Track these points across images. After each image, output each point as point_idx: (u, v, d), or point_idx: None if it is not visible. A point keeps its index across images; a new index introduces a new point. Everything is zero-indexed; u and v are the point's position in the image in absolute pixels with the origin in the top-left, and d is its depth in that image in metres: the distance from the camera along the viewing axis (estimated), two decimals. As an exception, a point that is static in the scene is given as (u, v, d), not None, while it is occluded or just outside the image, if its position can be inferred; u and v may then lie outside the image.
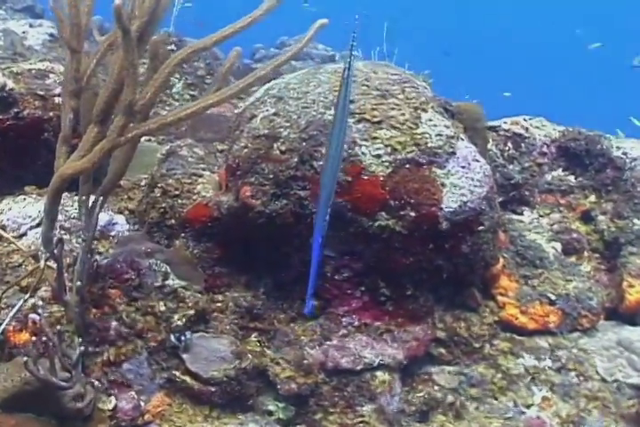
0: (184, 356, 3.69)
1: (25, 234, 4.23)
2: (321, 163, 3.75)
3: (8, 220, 4.25)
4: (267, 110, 4.01)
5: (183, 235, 4.19)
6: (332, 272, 3.90)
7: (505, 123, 4.78)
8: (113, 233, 4.38)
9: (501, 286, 4.17)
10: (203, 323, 3.85)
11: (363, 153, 3.75)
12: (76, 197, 4.45)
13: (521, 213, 4.66)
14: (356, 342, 3.86)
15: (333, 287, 3.92)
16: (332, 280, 3.91)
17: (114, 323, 3.65)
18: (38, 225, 4.25)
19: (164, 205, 4.23)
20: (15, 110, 4.42)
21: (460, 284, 4.05)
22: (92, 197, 3.63)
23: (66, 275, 3.61)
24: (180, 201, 4.23)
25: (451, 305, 4.09)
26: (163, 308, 3.74)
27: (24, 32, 7.28)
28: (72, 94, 3.52)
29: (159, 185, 4.30)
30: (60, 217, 4.29)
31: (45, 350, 3.39)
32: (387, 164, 3.74)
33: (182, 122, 3.46)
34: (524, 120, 4.88)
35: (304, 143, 3.80)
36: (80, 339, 3.50)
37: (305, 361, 3.83)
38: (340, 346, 3.85)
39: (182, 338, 3.70)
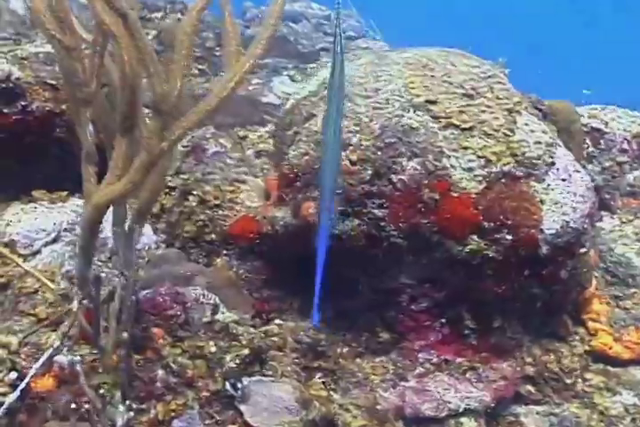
0: (242, 407, 3.11)
1: (39, 251, 3.60)
2: (401, 177, 3.16)
3: (18, 234, 3.60)
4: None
5: (225, 252, 3.59)
6: (407, 302, 3.35)
7: (582, 116, 4.19)
8: (139, 246, 3.75)
9: (593, 311, 3.64)
10: (258, 363, 3.26)
11: (452, 166, 3.16)
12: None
13: (600, 219, 4.10)
14: (437, 384, 3.31)
15: (409, 318, 3.38)
16: (407, 310, 3.37)
17: (160, 372, 3.05)
18: (54, 241, 3.63)
19: (202, 217, 3.63)
20: (22, 103, 3.75)
21: (551, 311, 3.50)
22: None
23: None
24: (221, 212, 3.63)
25: (538, 334, 3.55)
26: (213, 348, 3.15)
27: (5, -6, 6.51)
28: (84, 103, 2.80)
29: (195, 193, 3.68)
30: (77, 229, 3.69)
31: (79, 408, 2.82)
32: (479, 178, 3.17)
33: (228, 101, 2.75)
34: (598, 110, 4.29)
35: (379, 153, 3.20)
36: (123, 398, 2.89)
37: (378, 406, 3.27)
38: (418, 388, 3.30)
39: (239, 385, 3.11)
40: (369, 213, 3.19)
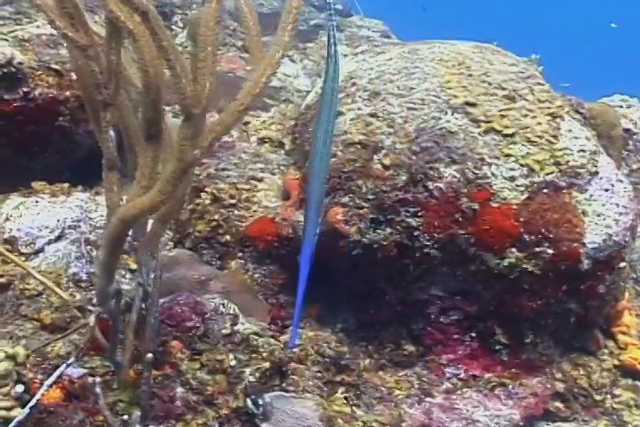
0: (264, 426, 2.92)
1: (42, 250, 3.36)
2: (438, 184, 2.97)
3: (19, 230, 3.36)
4: (358, 108, 3.19)
5: (241, 255, 3.38)
6: (436, 314, 3.17)
7: (610, 116, 3.99)
8: (145, 244, 3.53)
9: (623, 324, 3.48)
10: (279, 377, 3.07)
11: (493, 174, 2.98)
12: (102, 196, 3.61)
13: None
14: (465, 401, 3.14)
15: (437, 331, 3.20)
16: (435, 323, 3.19)
17: (179, 389, 2.86)
18: (58, 238, 3.39)
19: (216, 216, 3.41)
20: (24, 90, 3.49)
21: (583, 325, 3.34)
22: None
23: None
24: (236, 212, 3.41)
25: (568, 348, 3.39)
26: (233, 362, 2.96)
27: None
28: (104, 105, 2.51)
29: (208, 190, 3.46)
30: (82, 227, 3.46)
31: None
32: (522, 188, 2.98)
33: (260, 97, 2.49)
34: (622, 107, 4.11)
35: (415, 157, 3.01)
36: (143, 418, 2.69)
37: (404, 424, 3.10)
38: (446, 406, 3.13)
39: (260, 402, 2.93)
40: (402, 221, 3.01)
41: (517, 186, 2.97)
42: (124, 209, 2.41)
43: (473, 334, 3.18)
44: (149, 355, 2.59)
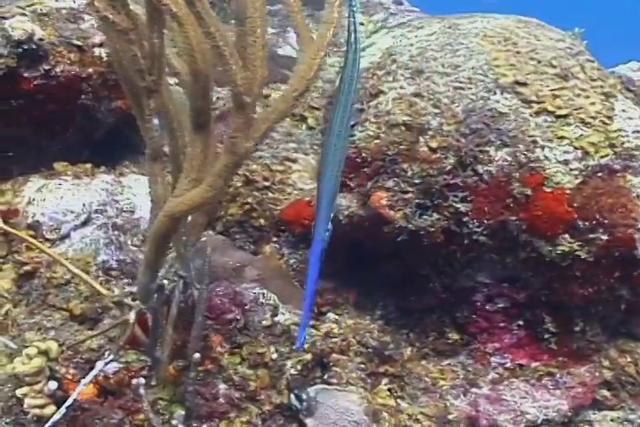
0: (308, 422, 2.81)
1: (68, 236, 3.22)
2: (488, 168, 2.83)
3: (43, 215, 3.22)
4: (400, 87, 3.03)
5: (275, 239, 3.24)
6: (482, 301, 3.05)
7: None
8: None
9: (670, 308, 3.36)
10: (320, 369, 2.95)
11: (546, 157, 2.84)
12: (126, 178, 3.48)
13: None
14: (513, 392, 3.03)
15: (482, 319, 3.09)
16: (481, 310, 3.07)
17: (222, 386, 2.74)
18: (84, 224, 3.24)
19: (249, 199, 3.27)
20: (45, 67, 3.32)
21: (631, 311, 3.23)
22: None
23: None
24: (270, 195, 3.27)
25: (614, 334, 3.28)
26: (274, 355, 2.85)
27: None
28: (147, 92, 2.35)
29: (239, 171, 3.31)
30: (109, 211, 3.32)
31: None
32: (575, 172, 2.85)
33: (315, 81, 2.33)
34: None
35: (464, 140, 2.86)
36: (187, 417, 2.57)
37: (450, 416, 2.99)
38: (494, 397, 3.02)
39: (303, 396, 2.81)
40: (450, 206, 2.88)
41: (571, 170, 2.84)
42: (172, 204, 2.27)
43: (520, 323, 3.07)
44: (197, 355, 2.46)
